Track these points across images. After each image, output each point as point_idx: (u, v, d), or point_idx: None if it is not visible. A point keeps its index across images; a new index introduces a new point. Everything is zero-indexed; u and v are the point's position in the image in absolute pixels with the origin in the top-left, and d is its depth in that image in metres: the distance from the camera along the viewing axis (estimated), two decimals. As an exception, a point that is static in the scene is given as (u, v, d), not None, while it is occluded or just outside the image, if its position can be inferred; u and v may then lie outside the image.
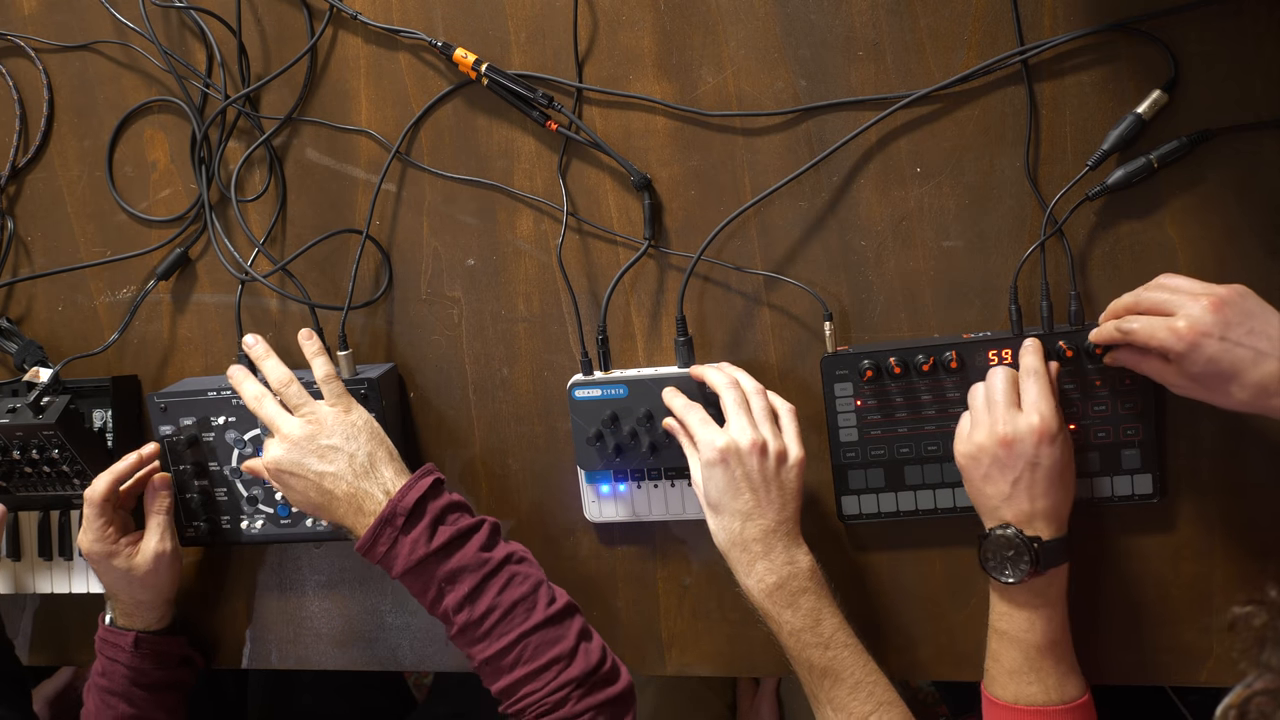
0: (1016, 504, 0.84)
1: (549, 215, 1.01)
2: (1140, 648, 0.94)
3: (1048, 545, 0.84)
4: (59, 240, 1.13)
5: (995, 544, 0.84)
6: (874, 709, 0.87)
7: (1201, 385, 0.80)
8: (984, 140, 0.92)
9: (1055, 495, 0.84)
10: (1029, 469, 0.83)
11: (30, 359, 1.11)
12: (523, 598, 0.89)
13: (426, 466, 0.92)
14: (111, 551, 1.01)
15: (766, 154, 0.96)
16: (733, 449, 0.88)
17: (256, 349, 0.97)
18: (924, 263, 0.94)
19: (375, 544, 0.89)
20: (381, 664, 1.11)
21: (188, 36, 1.07)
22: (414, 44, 1.02)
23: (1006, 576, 0.84)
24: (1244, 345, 0.76)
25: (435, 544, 0.88)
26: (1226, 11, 0.85)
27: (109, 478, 1.01)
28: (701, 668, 1.04)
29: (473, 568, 0.89)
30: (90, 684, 1.06)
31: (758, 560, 0.88)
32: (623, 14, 0.97)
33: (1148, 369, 0.83)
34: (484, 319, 1.04)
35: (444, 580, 0.89)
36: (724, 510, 0.89)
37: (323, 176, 1.06)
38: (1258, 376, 0.76)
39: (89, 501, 1.01)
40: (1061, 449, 0.84)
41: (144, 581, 1.03)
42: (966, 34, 0.91)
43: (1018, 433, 0.83)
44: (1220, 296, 0.78)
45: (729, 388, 0.91)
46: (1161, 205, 0.89)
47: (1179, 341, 0.78)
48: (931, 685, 1.52)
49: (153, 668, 1.05)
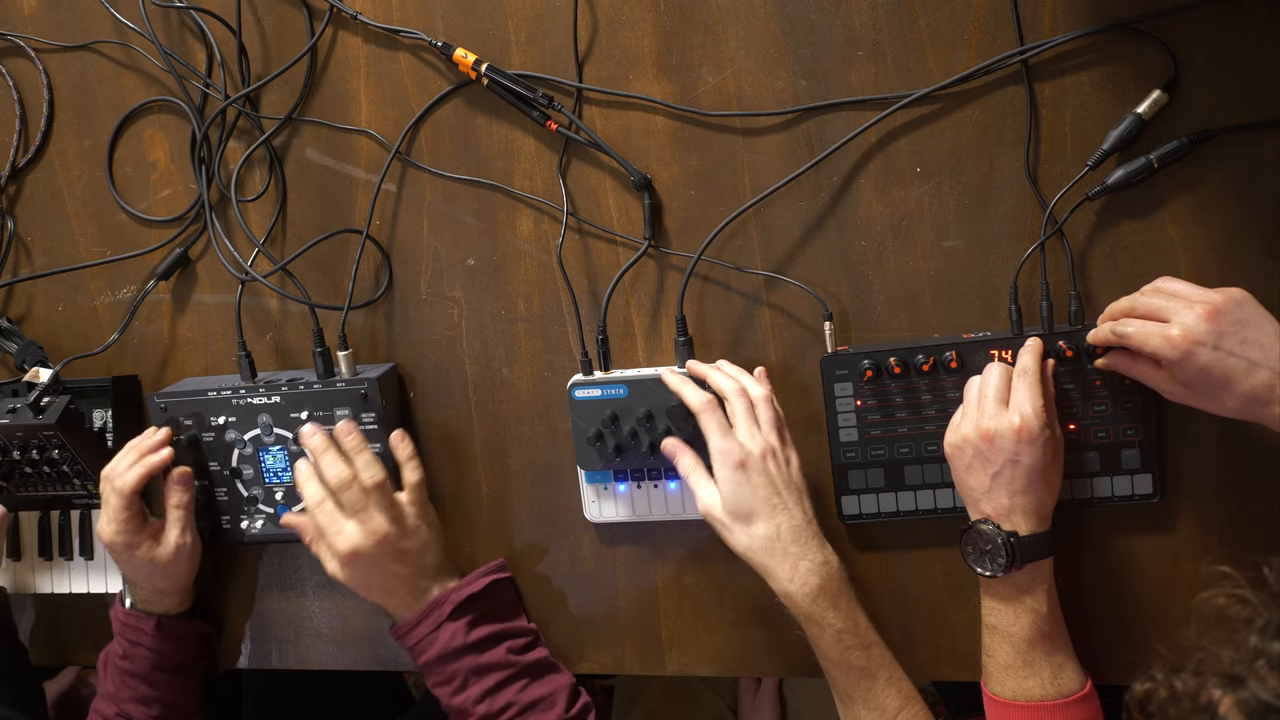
0: (995, 498, 0.85)
1: (549, 215, 1.01)
2: (1140, 648, 0.94)
3: (1025, 540, 0.84)
4: (59, 240, 1.13)
5: (974, 537, 0.86)
6: (903, 704, 0.88)
7: (1193, 392, 0.80)
8: (984, 140, 0.92)
9: (1036, 492, 0.84)
10: (1009, 465, 0.84)
11: (30, 359, 1.11)
12: (541, 698, 0.96)
13: (497, 563, 1.03)
14: (134, 543, 1.01)
15: (766, 154, 0.96)
16: (750, 457, 0.87)
17: (315, 440, 0.97)
18: (924, 263, 0.94)
19: (419, 625, 0.97)
20: (381, 664, 1.11)
21: (188, 36, 1.07)
22: (414, 44, 1.02)
23: (984, 570, 0.85)
24: (1236, 355, 0.77)
25: (473, 637, 0.97)
26: (1226, 11, 0.85)
27: (141, 470, 1.00)
28: (701, 668, 1.04)
29: (501, 666, 0.97)
30: (108, 664, 1.06)
31: (799, 561, 0.87)
32: (623, 14, 0.97)
33: (1141, 374, 0.84)
34: (484, 319, 1.04)
35: (471, 672, 0.96)
36: (757, 516, 0.87)
37: (323, 176, 1.06)
38: (1249, 386, 0.77)
39: (118, 493, 0.99)
40: (1044, 449, 0.84)
41: (165, 572, 1.03)
42: (966, 34, 0.91)
43: (999, 429, 0.84)
44: (1215, 305, 0.78)
45: (739, 395, 0.90)
46: (1161, 205, 0.89)
47: (1172, 349, 0.78)
48: (931, 685, 1.52)
49: (174, 650, 1.06)
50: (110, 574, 1.13)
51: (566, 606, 1.06)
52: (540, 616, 1.06)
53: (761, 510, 0.88)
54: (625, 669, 1.06)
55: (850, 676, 0.88)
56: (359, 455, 0.96)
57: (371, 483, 0.95)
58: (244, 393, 1.03)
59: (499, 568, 1.03)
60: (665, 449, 0.93)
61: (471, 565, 1.05)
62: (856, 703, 0.89)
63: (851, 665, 0.88)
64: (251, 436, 1.04)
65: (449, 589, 0.99)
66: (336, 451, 0.96)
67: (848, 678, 0.88)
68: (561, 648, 1.05)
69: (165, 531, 1.03)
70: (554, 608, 1.06)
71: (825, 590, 0.87)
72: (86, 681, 1.44)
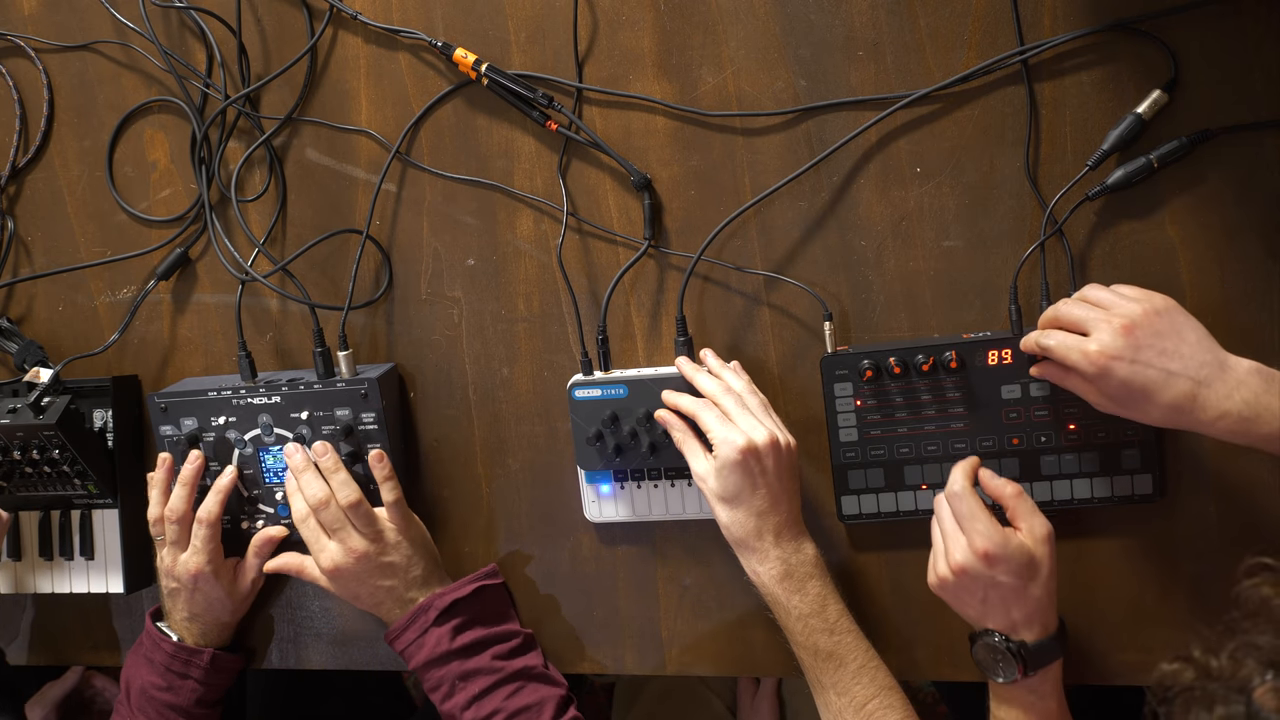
0: (995, 618, 0.85)
1: (549, 215, 1.01)
2: (1140, 648, 0.94)
3: (1033, 648, 0.84)
4: (59, 240, 1.13)
5: (983, 650, 0.86)
6: (876, 693, 0.88)
7: (1118, 404, 0.81)
8: (984, 140, 0.92)
9: (1028, 605, 0.84)
10: (991, 589, 0.83)
11: (30, 359, 1.11)
12: (528, 706, 0.96)
13: (488, 569, 1.04)
14: (219, 572, 1.04)
15: (766, 154, 0.96)
16: (752, 448, 0.88)
17: (295, 459, 0.99)
18: (924, 263, 0.94)
19: (406, 630, 0.98)
20: (381, 664, 1.11)
21: (188, 36, 1.07)
22: (414, 44, 1.02)
23: (999, 677, 0.85)
24: (1154, 367, 0.77)
25: (458, 643, 0.97)
26: (1226, 11, 0.85)
27: (219, 497, 1.03)
28: (701, 668, 1.04)
29: (486, 672, 0.97)
30: (146, 696, 1.05)
31: (770, 550, 0.89)
32: (623, 14, 0.97)
33: (1070, 385, 0.84)
34: (484, 319, 1.04)
35: (458, 678, 0.97)
36: (740, 506, 0.89)
37: (323, 176, 1.06)
38: (1170, 397, 0.77)
39: (207, 524, 1.02)
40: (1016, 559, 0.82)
41: (235, 607, 1.07)
42: (966, 34, 0.91)
43: (967, 560, 0.83)
44: (1132, 319, 0.78)
45: (725, 394, 0.91)
46: (1161, 205, 0.89)
47: (1090, 365, 0.79)
48: (931, 685, 1.52)
49: (221, 683, 1.08)
50: (110, 574, 1.12)
51: (566, 606, 1.06)
52: (540, 616, 1.06)
53: (746, 502, 0.89)
54: (625, 669, 1.06)
55: (816, 660, 0.89)
56: (334, 476, 0.98)
57: (346, 503, 0.97)
58: (244, 393, 1.03)
59: (489, 574, 1.03)
60: (658, 417, 0.94)
61: (472, 564, 1.05)
62: (826, 688, 0.89)
63: (818, 649, 0.89)
64: (252, 436, 1.04)
65: (434, 595, 0.99)
66: (315, 470, 0.99)
67: (814, 660, 0.89)
68: (561, 648, 1.06)
69: (243, 570, 1.06)
70: (554, 607, 1.06)
71: (792, 576, 0.89)
72: (90, 683, 1.44)
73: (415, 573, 1.00)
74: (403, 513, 1.00)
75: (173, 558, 1.04)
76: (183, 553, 1.03)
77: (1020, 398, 0.91)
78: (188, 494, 1.03)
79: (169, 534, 1.03)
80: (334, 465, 0.98)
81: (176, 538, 1.03)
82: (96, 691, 1.43)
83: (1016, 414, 0.91)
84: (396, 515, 1.00)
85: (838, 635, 0.89)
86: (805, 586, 0.89)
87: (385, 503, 1.00)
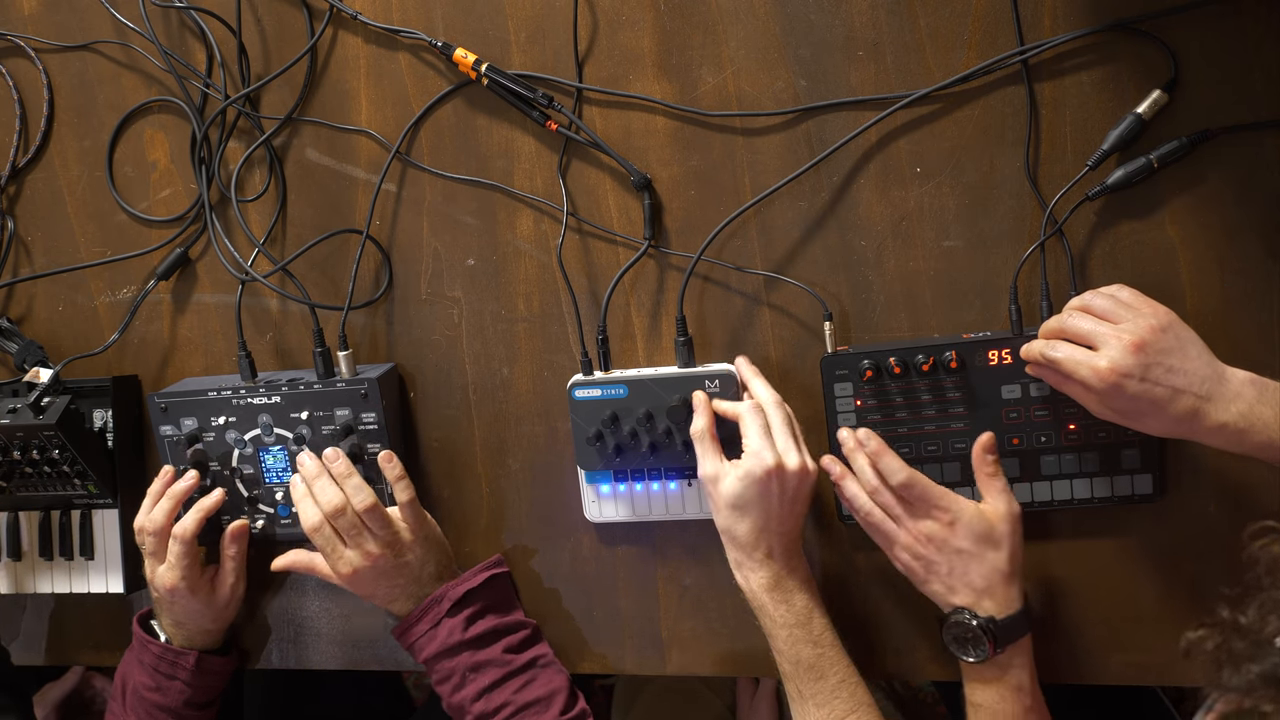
0: (960, 590, 0.87)
1: (549, 215, 1.01)
2: (1140, 648, 0.94)
3: (1001, 623, 0.86)
4: (59, 240, 1.13)
5: (953, 629, 0.87)
6: (854, 708, 0.89)
7: (1120, 416, 0.82)
8: (984, 140, 0.92)
9: (988, 573, 0.86)
10: (954, 555, 0.86)
11: (30, 359, 1.11)
12: (537, 699, 0.97)
13: (494, 559, 1.03)
14: (196, 587, 1.03)
15: (766, 154, 0.96)
16: (780, 470, 0.88)
17: (308, 466, 0.99)
18: (924, 263, 0.94)
19: (419, 622, 0.99)
20: (381, 664, 1.11)
21: (188, 36, 1.07)
22: (414, 44, 1.02)
23: (970, 656, 0.87)
24: (1162, 385, 0.79)
25: (471, 633, 0.98)
26: (1226, 11, 0.85)
27: (199, 515, 1.03)
28: (701, 668, 1.04)
29: (497, 664, 0.98)
30: (135, 694, 1.06)
31: (763, 562, 0.90)
32: (623, 14, 0.97)
33: (1070, 392, 0.85)
34: (484, 319, 1.04)
35: (469, 669, 0.98)
36: (747, 517, 0.89)
37: (323, 176, 1.06)
38: (1175, 411, 0.79)
39: (181, 540, 1.02)
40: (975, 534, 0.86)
41: (217, 615, 1.07)
42: (966, 34, 0.91)
43: (930, 530, 0.87)
44: (1141, 338, 0.79)
45: (777, 407, 0.91)
46: (1161, 205, 0.89)
47: (1100, 382, 0.80)
48: (931, 685, 1.52)
49: (210, 684, 1.08)
50: (110, 574, 1.12)
51: (566, 606, 1.06)
52: (540, 616, 1.06)
53: (753, 515, 0.89)
54: (625, 669, 1.06)
55: (798, 670, 0.90)
56: (347, 481, 0.97)
57: (363, 508, 0.96)
58: (244, 393, 1.03)
59: (495, 563, 1.03)
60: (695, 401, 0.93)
61: (472, 564, 1.05)
62: (806, 699, 0.90)
63: (800, 659, 0.89)
64: (252, 436, 1.04)
65: (447, 586, 1.00)
66: (329, 477, 0.98)
67: (796, 670, 0.90)
68: (561, 647, 1.05)
69: (221, 578, 1.06)
70: (554, 607, 1.06)
71: (780, 586, 0.90)
72: (90, 683, 1.44)
73: (430, 570, 1.01)
74: (416, 512, 1.00)
75: (151, 570, 1.04)
76: (160, 565, 1.03)
77: (1020, 398, 0.91)
78: (170, 508, 1.02)
79: (147, 545, 1.03)
80: (347, 470, 0.98)
81: (154, 549, 1.03)
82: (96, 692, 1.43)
83: (1017, 414, 0.91)
84: (410, 515, 0.99)
85: (821, 648, 0.90)
86: (792, 598, 0.90)
87: (399, 503, 0.99)
